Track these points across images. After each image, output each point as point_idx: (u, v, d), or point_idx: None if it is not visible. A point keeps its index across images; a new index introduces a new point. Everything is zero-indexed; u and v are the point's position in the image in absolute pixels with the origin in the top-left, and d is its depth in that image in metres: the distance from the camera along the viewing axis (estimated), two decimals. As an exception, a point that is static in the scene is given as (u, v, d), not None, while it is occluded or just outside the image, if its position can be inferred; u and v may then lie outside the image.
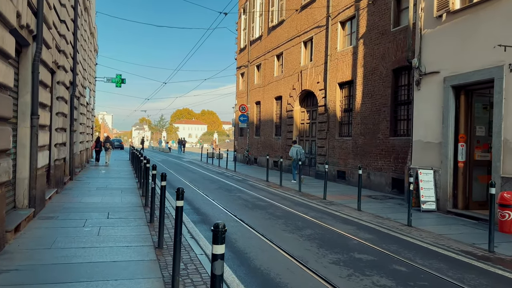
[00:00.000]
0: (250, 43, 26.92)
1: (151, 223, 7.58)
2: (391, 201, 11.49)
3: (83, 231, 6.77)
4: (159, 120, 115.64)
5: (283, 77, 21.62)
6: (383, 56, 13.45)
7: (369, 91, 14.18)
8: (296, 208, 9.89)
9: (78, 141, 17.46)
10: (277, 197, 11.87)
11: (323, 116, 17.32)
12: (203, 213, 9.02)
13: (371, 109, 14.06)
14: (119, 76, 28.35)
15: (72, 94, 14.01)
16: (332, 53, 16.63)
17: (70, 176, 14.02)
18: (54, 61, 10.04)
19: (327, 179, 16.60)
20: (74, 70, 13.98)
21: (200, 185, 14.34)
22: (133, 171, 18.82)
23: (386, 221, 8.51)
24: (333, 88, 16.54)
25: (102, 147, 25.84)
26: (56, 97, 10.87)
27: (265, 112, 24.40)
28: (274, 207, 9.97)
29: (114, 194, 11.20)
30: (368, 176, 14.11)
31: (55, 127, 10.84)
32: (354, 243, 6.63)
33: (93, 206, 9.19)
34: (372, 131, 13.96)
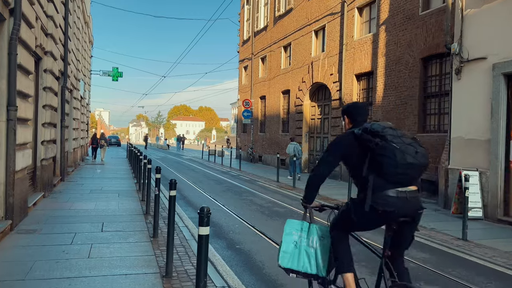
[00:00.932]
0: (254, 34, 25.50)
1: (155, 237, 6.22)
2: (424, 206, 10.12)
3: (71, 250, 5.40)
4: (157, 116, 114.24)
5: (291, 70, 20.23)
6: (409, 44, 12.08)
7: (392, 83, 12.82)
8: (321, 216, 8.52)
9: (71, 138, 16.05)
10: (294, 201, 10.52)
11: (337, 110, 15.95)
12: (215, 223, 7.64)
13: (395, 103, 12.70)
14: (115, 69, 26.90)
15: (63, 86, 12.59)
16: (348, 42, 15.25)
17: (61, 177, 12.63)
18: (39, 45, 8.63)
19: (342, 179, 15.46)
20: (65, 59, 12.56)
21: (206, 187, 12.96)
22: (131, 170, 17.43)
23: (433, 234, 7.17)
24: (349, 80, 15.17)
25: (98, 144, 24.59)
26: (43, 87, 9.47)
27: (270, 107, 23.01)
28: (295, 214, 8.62)
29: (110, 198, 9.82)
30: (391, 176, 12.76)
31: (42, 122, 9.44)
32: (411, 267, 5.27)
33: (85, 214, 7.80)
34: (396, 126, 12.51)
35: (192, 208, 9.22)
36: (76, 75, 16.65)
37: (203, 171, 19.19)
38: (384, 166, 2.75)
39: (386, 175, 2.77)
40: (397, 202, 2.75)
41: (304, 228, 3.29)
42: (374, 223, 2.99)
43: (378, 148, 2.77)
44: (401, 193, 2.76)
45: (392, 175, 2.75)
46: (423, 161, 2.76)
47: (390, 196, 2.75)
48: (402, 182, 2.78)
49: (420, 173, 2.84)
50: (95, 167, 18.68)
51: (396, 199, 2.75)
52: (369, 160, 2.84)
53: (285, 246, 3.27)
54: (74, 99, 16.54)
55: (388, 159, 2.72)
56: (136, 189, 11.45)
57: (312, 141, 18.72)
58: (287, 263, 3.22)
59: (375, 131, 2.86)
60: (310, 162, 18.76)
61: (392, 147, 2.73)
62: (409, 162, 2.70)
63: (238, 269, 5.12)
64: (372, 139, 2.81)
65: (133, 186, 12.26)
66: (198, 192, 11.75)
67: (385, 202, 2.76)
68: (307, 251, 3.20)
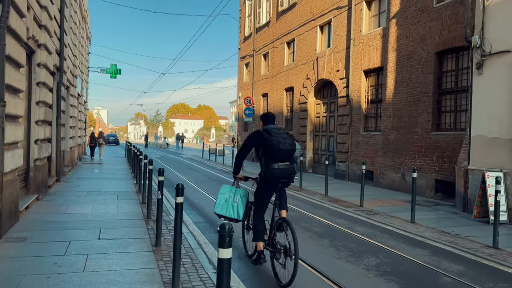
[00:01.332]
0: (256, 30, 24.89)
1: (157, 246, 5.64)
2: (441, 208, 9.59)
3: (64, 262, 4.82)
4: (155, 115, 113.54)
5: (294, 66, 19.64)
6: (422, 38, 11.51)
7: (404, 79, 12.25)
8: (335, 220, 7.96)
9: (68, 137, 15.46)
10: (304, 204, 9.95)
11: (344, 108, 15.38)
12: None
13: (406, 100, 12.12)
14: (114, 66, 26.24)
15: (59, 82, 11.99)
16: (356, 37, 14.67)
17: (57, 178, 12.04)
18: (31, 37, 8.03)
19: (349, 179, 14.90)
20: (61, 53, 11.95)
21: (210, 188, 12.38)
22: (130, 169, 16.85)
23: (459, 240, 6.60)
24: (357, 76, 14.59)
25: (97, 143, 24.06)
26: (36, 83, 8.87)
27: (273, 105, 22.42)
28: (308, 219, 8.04)
29: (108, 200, 9.23)
30: (402, 177, 12.21)
31: (35, 120, 8.85)
32: (447, 282, 4.70)
33: (81, 219, 7.22)
34: (408, 125, 12.03)
35: (196, 212, 8.64)
36: (73, 71, 16.04)
37: (205, 170, 18.61)
38: (269, 150, 4.59)
39: (271, 156, 4.61)
40: (278, 171, 4.63)
41: (232, 190, 5.14)
42: (271, 187, 4.80)
43: (267, 140, 4.58)
44: (280, 166, 4.63)
45: (274, 156, 4.60)
46: (290, 148, 4.63)
47: (274, 168, 4.61)
48: (280, 160, 4.63)
49: (290, 154, 4.67)
50: (93, 166, 18.09)
51: (277, 169, 4.63)
52: (262, 147, 4.66)
53: (219, 200, 5.08)
54: (71, 96, 15.93)
55: (271, 147, 4.56)
56: (136, 191, 10.87)
57: (317, 139, 18.15)
58: (219, 211, 5.05)
59: (267, 130, 4.69)
60: (315, 161, 18.19)
61: (273, 139, 4.56)
62: (281, 148, 4.57)
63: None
64: (265, 134, 4.63)
65: (132, 187, 11.68)
66: (201, 194, 11.17)
67: (272, 172, 4.63)
68: (232, 205, 5.04)
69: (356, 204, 9.79)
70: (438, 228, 7.46)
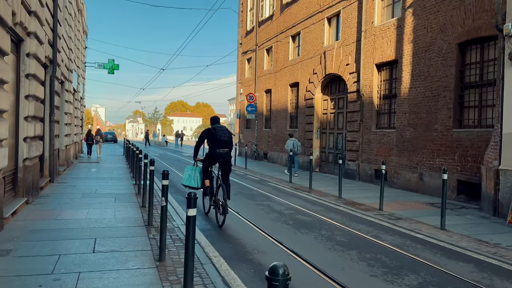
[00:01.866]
0: (259, 24, 24.06)
1: (161, 261, 4.85)
2: (468, 212, 8.82)
3: (50, 284, 4.03)
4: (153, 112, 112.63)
5: (300, 61, 18.83)
6: (443, 28, 10.72)
7: (421, 72, 11.46)
8: (356, 226, 7.19)
9: (63, 134, 14.64)
10: (317, 206, 9.17)
11: (354, 104, 14.59)
12: (234, 238, 6.28)
13: (424, 95, 11.35)
14: (111, 61, 25.40)
15: (53, 75, 11.18)
16: (368, 29, 13.86)
17: (50, 178, 11.23)
18: (19, 23, 7.22)
19: (360, 179, 14.05)
20: (54, 44, 11.13)
21: (213, 189, 11.60)
22: (129, 169, 16.06)
23: (502, 251, 5.82)
24: (369, 70, 13.80)
25: (94, 140, 23.35)
26: (25, 74, 8.06)
27: (277, 101, 21.62)
28: (327, 226, 7.26)
29: (105, 204, 8.44)
30: (420, 177, 11.44)
31: (24, 115, 8.04)
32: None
33: (74, 226, 6.42)
34: (426, 121, 11.26)
35: (202, 216, 7.85)
36: (68, 65, 15.20)
37: (207, 169, 17.78)
38: (214, 141, 7.01)
39: (214, 144, 7.02)
40: (219, 154, 7.05)
41: (193, 168, 7.48)
42: (212, 161, 7.30)
43: (213, 134, 7.03)
44: (220, 150, 7.02)
45: (216, 144, 7.00)
46: (227, 139, 7.07)
47: (216, 152, 7.01)
48: (220, 146, 7.01)
49: (227, 143, 7.10)
50: (90, 165, 17.27)
51: (218, 153, 7.03)
52: (210, 139, 7.10)
53: (184, 176, 7.41)
54: (66, 91, 15.10)
55: (214, 138, 6.99)
56: (135, 192, 10.07)
57: (324, 137, 17.36)
58: (185, 183, 7.41)
59: (214, 128, 7.13)
60: (322, 160, 17.41)
61: (217, 134, 7.00)
62: (221, 140, 6.98)
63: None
64: (212, 131, 7.06)
65: (131, 188, 10.89)
66: (205, 195, 10.37)
67: (214, 154, 7.06)
68: (193, 178, 7.37)
69: (374, 207, 9.02)
70: (473, 236, 6.69)
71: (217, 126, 7.22)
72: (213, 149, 7.13)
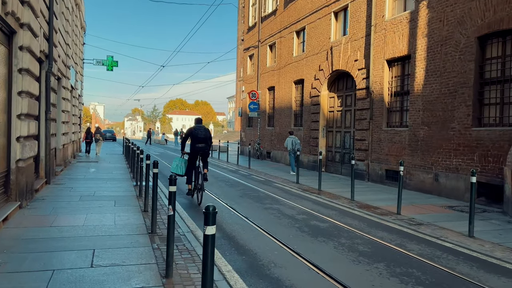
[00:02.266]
0: (261, 19, 23.46)
1: (168, 278, 4.29)
2: (491, 216, 8.28)
3: (41, 309, 3.47)
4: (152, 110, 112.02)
5: (305, 57, 18.25)
6: (461, 21, 10.15)
7: (436, 68, 10.90)
8: (377, 234, 6.63)
9: (60, 133, 14.06)
10: (330, 210, 8.61)
11: (363, 101, 14.02)
12: (243, 246, 5.72)
13: (439, 91, 10.79)
14: (110, 58, 24.78)
15: (48, 71, 10.59)
16: (378, 23, 13.29)
17: (46, 179, 10.66)
18: (10, 12, 6.64)
19: (369, 179, 13.45)
20: (50, 38, 10.54)
21: (217, 190, 11.04)
22: (128, 168, 15.49)
23: (544, 263, 5.28)
24: (379, 66, 13.23)
25: (93, 139, 22.81)
26: (18, 69, 7.47)
27: (280, 98, 21.04)
28: (346, 233, 6.70)
29: (104, 208, 7.87)
30: (435, 178, 10.89)
31: (17, 113, 7.47)
32: None
33: (70, 234, 5.86)
34: (442, 119, 10.70)
35: (209, 222, 7.28)
36: (65, 61, 14.61)
37: (209, 169, 17.22)
38: (193, 138, 9.09)
39: (194, 141, 9.08)
40: (198, 148, 9.07)
41: (180, 159, 9.23)
42: (193, 156, 9.11)
43: (193, 133, 9.10)
44: (199, 145, 9.05)
45: (196, 140, 9.06)
46: (204, 136, 9.09)
47: (195, 146, 9.04)
48: (199, 142, 9.06)
49: (205, 140, 9.12)
50: (89, 165, 16.68)
51: (197, 147, 9.06)
52: (191, 137, 9.16)
53: (173, 165, 9.14)
54: (63, 88, 14.52)
55: (194, 136, 9.08)
56: (136, 195, 9.51)
57: (330, 136, 16.80)
58: (174, 171, 8.97)
59: (195, 127, 9.21)
60: (328, 159, 16.84)
61: (196, 132, 9.09)
62: (199, 137, 9.06)
63: None
64: (193, 130, 9.14)
65: (131, 189, 10.32)
66: (210, 198, 9.81)
67: (194, 148, 9.06)
68: (180, 167, 9.09)
69: (391, 211, 8.47)
70: (505, 244, 6.15)
71: (197, 126, 9.32)
72: (193, 145, 9.19)
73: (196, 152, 9.10)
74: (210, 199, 9.60)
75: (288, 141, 15.76)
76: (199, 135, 9.08)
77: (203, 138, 9.11)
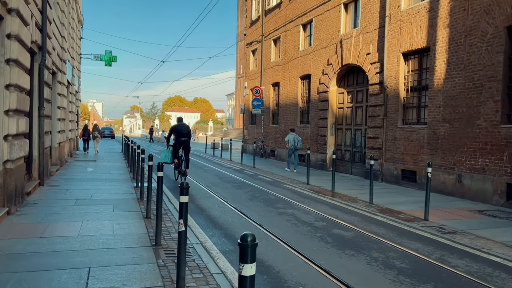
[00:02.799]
0: (265, 13, 22.64)
1: (179, 307, 3.52)
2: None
3: None
4: (151, 108, 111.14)
5: (312, 51, 17.46)
6: (488, 9, 9.39)
7: (460, 61, 10.14)
8: (410, 245, 5.88)
9: (56, 130, 13.27)
10: (351, 216, 7.86)
11: (377, 97, 13.25)
12: (266, 265, 4.96)
13: (463, 86, 10.03)
14: (109, 52, 23.95)
15: (42, 64, 9.80)
16: (393, 14, 12.51)
17: (39, 180, 9.89)
18: (-6, -7, 5.84)
19: (383, 180, 12.64)
20: (43, 28, 9.75)
21: (224, 192, 10.28)
22: (128, 168, 14.73)
23: None
24: (394, 59, 12.47)
25: (90, 136, 22.06)
26: (5, 59, 6.71)
27: (285, 95, 20.26)
28: (375, 244, 5.95)
29: (102, 213, 7.11)
30: (458, 179, 10.15)
31: (5, 109, 6.70)
32: None
33: (63, 248, 5.10)
34: (466, 116, 9.95)
35: (219, 230, 6.53)
36: (60, 55, 13.80)
37: (213, 169, 16.47)
38: (177, 133, 11.67)
39: (177, 135, 11.67)
40: (180, 141, 11.69)
41: (166, 151, 12.05)
42: (178, 146, 11.73)
43: (177, 130, 11.71)
44: (182, 139, 11.67)
45: (179, 135, 11.65)
46: (186, 132, 11.77)
47: (179, 140, 11.65)
48: (181, 136, 11.67)
49: (186, 135, 11.75)
50: (86, 164, 15.90)
51: (180, 140, 11.67)
52: (175, 132, 11.71)
53: (162, 155, 11.96)
54: (59, 83, 13.72)
55: (177, 132, 11.67)
56: (137, 198, 8.75)
57: (340, 133, 16.04)
58: (162, 160, 11.60)
59: (178, 125, 11.85)
60: (338, 158, 16.07)
61: (179, 129, 11.71)
62: (182, 132, 11.67)
63: None
64: (177, 127, 11.77)
65: (132, 192, 9.55)
66: (217, 201, 9.05)
67: (178, 141, 11.69)
68: (168, 156, 11.85)
69: (417, 217, 7.72)
70: (558, 257, 5.40)
71: (180, 124, 11.95)
72: (177, 139, 11.72)
73: (180, 144, 11.79)
74: (217, 203, 8.84)
75: (289, 137, 15.67)
76: (182, 131, 11.73)
77: (186, 133, 11.77)
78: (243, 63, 70.65)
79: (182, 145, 11.70)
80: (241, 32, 74.95)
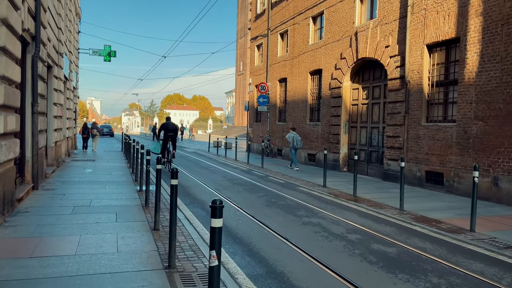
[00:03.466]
0: (271, 6, 21.67)
1: None
2: None
3: None
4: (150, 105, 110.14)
5: (323, 45, 16.52)
6: (530, -5, 8.47)
7: (495, 52, 9.23)
8: (471, 266, 4.97)
9: (52, 129, 12.33)
10: (385, 226, 6.95)
11: (397, 93, 12.33)
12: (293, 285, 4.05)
13: (500, 80, 9.12)
14: (108, 47, 22.98)
15: (35, 56, 8.84)
16: (416, 2, 11.58)
17: (33, 184, 8.94)
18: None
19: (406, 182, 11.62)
20: (37, 16, 8.80)
21: (237, 197, 9.36)
22: (129, 168, 13.80)
23: None
24: (417, 52, 11.54)
25: (90, 134, 21.14)
26: (-10, 47, 5.74)
27: (294, 91, 19.32)
28: (428, 265, 5.04)
29: (103, 224, 6.19)
30: (493, 182, 9.25)
31: (-10, 104, 5.75)
32: None
33: (56, 273, 4.18)
34: (503, 113, 9.04)
35: (240, 245, 5.61)
36: (57, 47, 12.84)
37: (220, 169, 15.53)
38: (165, 129, 14.58)
39: (166, 131, 14.54)
40: (168, 135, 14.47)
41: (156, 143, 14.58)
42: (165, 141, 14.44)
43: (165, 127, 14.65)
44: (169, 134, 14.50)
45: (167, 131, 14.54)
46: (173, 128, 14.76)
47: (167, 135, 14.48)
48: (170, 132, 14.56)
49: (173, 131, 14.69)
50: (85, 164, 14.95)
51: (168, 135, 14.49)
52: (164, 129, 14.66)
53: (151, 147, 13.78)
54: (56, 78, 12.76)
55: (166, 128, 14.60)
56: (141, 204, 7.82)
57: (354, 132, 15.13)
58: (153, 150, 13.49)
59: (166, 123, 14.82)
60: (350, 158, 15.17)
61: (167, 126, 14.69)
62: (169, 128, 14.65)
63: None
64: (166, 125, 14.76)
65: (135, 196, 8.63)
66: (231, 208, 8.12)
67: (166, 136, 14.48)
68: (157, 148, 14.10)
69: (460, 227, 6.82)
70: None
71: (168, 122, 14.83)
72: (165, 134, 14.39)
73: (168, 138, 14.37)
74: (232, 210, 7.92)
75: (289, 136, 15.98)
76: (169, 127, 14.57)
77: (173, 129, 14.66)
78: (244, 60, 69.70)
79: (170, 139, 14.42)
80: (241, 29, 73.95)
